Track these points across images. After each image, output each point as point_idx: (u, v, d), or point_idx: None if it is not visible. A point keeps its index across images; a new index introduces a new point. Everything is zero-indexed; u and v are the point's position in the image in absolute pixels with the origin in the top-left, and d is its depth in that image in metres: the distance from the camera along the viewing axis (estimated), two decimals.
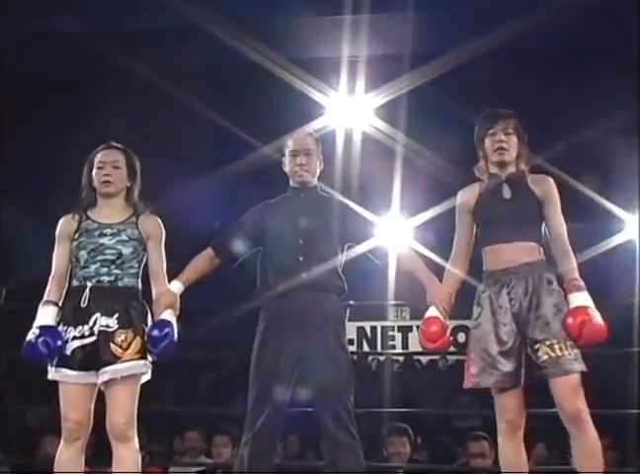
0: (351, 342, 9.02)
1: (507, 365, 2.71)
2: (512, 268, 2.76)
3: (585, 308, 2.67)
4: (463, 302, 2.97)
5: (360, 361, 7.40)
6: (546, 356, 2.67)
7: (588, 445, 2.64)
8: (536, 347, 2.69)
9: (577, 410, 2.64)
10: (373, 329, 9.86)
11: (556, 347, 2.66)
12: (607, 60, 6.15)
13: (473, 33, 5.55)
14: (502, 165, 2.86)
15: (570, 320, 2.67)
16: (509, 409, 2.73)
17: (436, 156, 6.28)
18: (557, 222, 2.82)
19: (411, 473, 4.45)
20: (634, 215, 7.08)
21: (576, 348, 2.68)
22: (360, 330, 9.76)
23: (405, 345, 9.72)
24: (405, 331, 9.74)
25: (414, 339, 9.73)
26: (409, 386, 7.33)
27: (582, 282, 2.73)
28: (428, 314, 2.91)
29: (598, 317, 2.67)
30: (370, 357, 8.44)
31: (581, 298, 2.70)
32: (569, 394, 2.64)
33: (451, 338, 2.92)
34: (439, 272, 3.01)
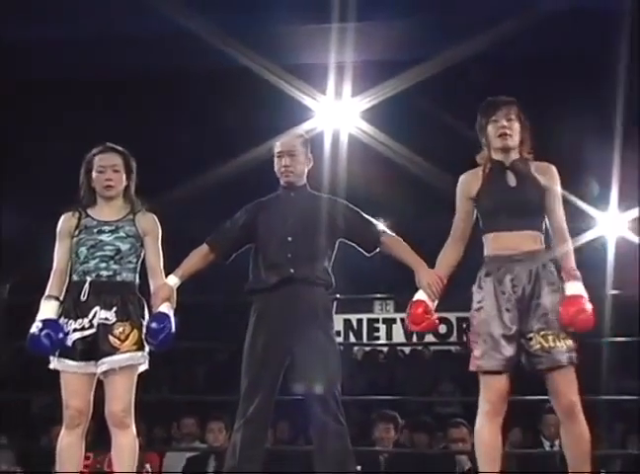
0: (338, 333, 8.99)
1: (508, 350, 2.61)
2: (516, 255, 2.65)
3: (581, 297, 2.61)
4: (445, 295, 2.88)
5: (346, 352, 7.40)
6: (539, 346, 2.59)
7: (578, 434, 2.60)
8: (530, 335, 2.61)
9: (571, 402, 2.58)
10: (359, 321, 9.87)
11: (550, 337, 2.59)
12: (578, 64, 6.18)
13: (454, 40, 5.56)
14: (505, 151, 2.73)
15: (566, 307, 2.59)
16: (495, 390, 2.63)
17: (418, 157, 6.30)
18: (558, 211, 2.72)
19: (395, 456, 4.46)
20: (605, 214, 7.14)
21: (570, 340, 2.60)
22: (347, 322, 9.77)
23: (389, 336, 9.74)
24: (389, 323, 9.76)
25: (398, 330, 9.75)
26: (393, 375, 7.35)
27: (579, 273, 2.66)
28: (415, 297, 2.82)
29: (590, 307, 2.61)
30: (357, 348, 8.46)
31: (578, 288, 2.63)
32: (564, 387, 2.59)
33: (438, 320, 2.82)
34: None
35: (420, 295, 2.82)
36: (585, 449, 2.61)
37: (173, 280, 2.95)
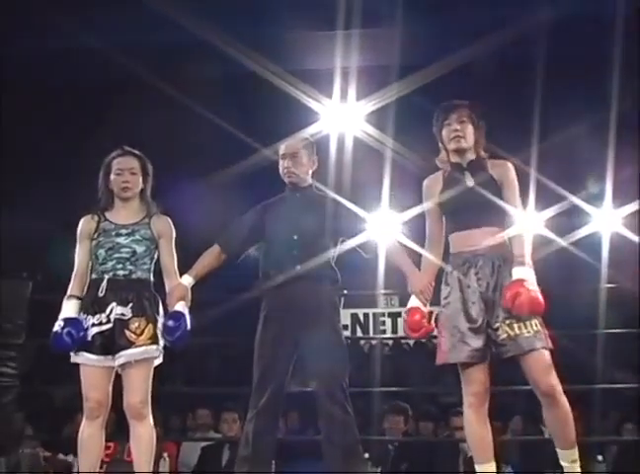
0: (345, 327, 9.01)
1: (476, 342, 2.59)
2: (479, 249, 2.64)
3: (520, 281, 2.54)
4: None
5: (353, 345, 7.41)
6: (505, 335, 2.57)
7: (560, 416, 2.58)
8: (496, 325, 2.58)
9: (550, 386, 2.55)
10: (366, 315, 9.86)
11: (515, 325, 2.55)
12: (576, 65, 6.17)
13: (458, 44, 5.56)
14: (460, 152, 2.73)
15: (506, 292, 2.56)
16: (476, 383, 2.61)
17: (421, 159, 6.29)
18: (513, 203, 2.68)
19: (404, 444, 4.47)
20: (600, 210, 7.13)
21: (537, 326, 2.57)
22: (354, 316, 9.76)
23: (394, 329, 9.72)
24: (394, 317, 9.75)
25: (402, 324, 9.72)
26: (398, 367, 7.35)
27: (525, 259, 2.59)
28: (409, 305, 2.81)
29: (532, 290, 2.53)
30: (363, 342, 8.46)
31: (519, 272, 2.57)
32: (540, 371, 2.55)
33: (434, 324, 2.79)
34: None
35: (413, 302, 2.81)
36: (568, 431, 2.60)
37: (187, 280, 2.98)
